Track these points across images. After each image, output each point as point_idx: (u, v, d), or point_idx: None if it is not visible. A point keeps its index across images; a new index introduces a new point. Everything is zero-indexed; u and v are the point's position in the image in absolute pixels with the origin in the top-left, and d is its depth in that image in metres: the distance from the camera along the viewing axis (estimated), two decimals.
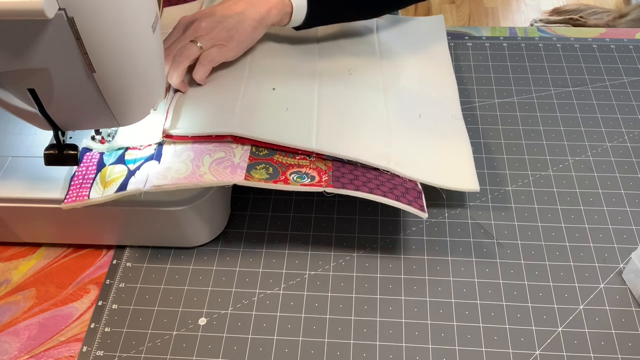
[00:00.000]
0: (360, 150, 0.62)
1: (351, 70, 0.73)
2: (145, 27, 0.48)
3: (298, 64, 0.74)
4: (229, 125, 0.62)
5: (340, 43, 0.78)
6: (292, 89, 0.69)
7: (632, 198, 0.67)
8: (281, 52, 0.75)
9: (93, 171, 0.60)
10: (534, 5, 2.27)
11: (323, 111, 0.67)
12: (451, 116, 0.69)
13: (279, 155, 0.62)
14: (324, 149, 0.61)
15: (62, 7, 0.41)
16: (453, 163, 0.65)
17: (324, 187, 0.58)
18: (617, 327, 0.57)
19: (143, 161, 0.60)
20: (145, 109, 0.55)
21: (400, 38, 0.80)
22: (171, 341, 0.57)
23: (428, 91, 0.73)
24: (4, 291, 0.62)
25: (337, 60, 0.75)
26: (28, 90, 0.49)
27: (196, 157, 0.60)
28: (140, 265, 0.63)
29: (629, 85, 0.80)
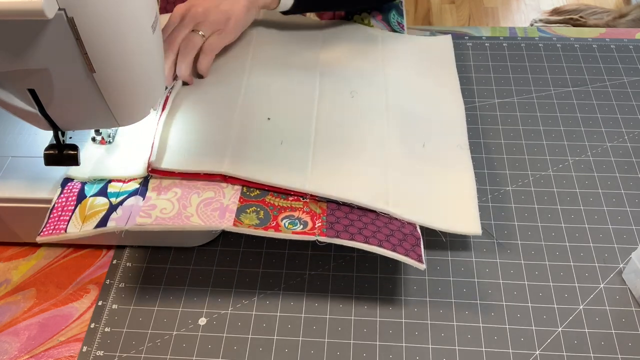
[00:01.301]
0: (356, 191, 0.59)
1: (353, 92, 0.70)
2: (145, 27, 0.48)
3: (297, 86, 0.70)
4: (220, 164, 0.59)
5: (344, 60, 0.75)
6: (288, 119, 0.66)
7: (632, 198, 0.67)
8: (281, 69, 0.73)
9: (73, 202, 0.57)
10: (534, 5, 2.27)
11: (319, 144, 0.63)
12: (457, 145, 0.67)
13: (270, 196, 0.58)
14: (318, 191, 0.58)
15: (62, 7, 0.41)
16: (455, 203, 0.61)
17: (317, 236, 0.54)
18: (617, 327, 0.57)
19: (126, 196, 0.57)
20: (145, 108, 0.55)
21: (406, 58, 0.78)
22: (171, 341, 0.57)
23: (434, 116, 0.70)
24: (4, 291, 0.62)
25: (339, 80, 0.72)
26: (28, 90, 0.49)
27: (184, 196, 0.57)
28: (140, 265, 0.63)
29: (629, 85, 0.80)
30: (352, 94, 0.70)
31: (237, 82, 0.69)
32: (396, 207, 0.59)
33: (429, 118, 0.70)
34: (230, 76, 0.70)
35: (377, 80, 0.73)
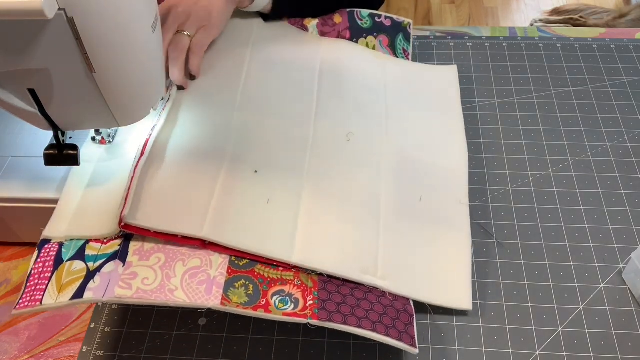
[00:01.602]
0: (345, 263, 0.55)
1: (350, 134, 0.65)
2: (145, 27, 0.48)
3: (290, 129, 0.65)
4: (199, 227, 0.54)
5: (344, 91, 0.71)
6: (277, 171, 0.61)
7: (632, 198, 0.67)
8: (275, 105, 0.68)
9: (50, 268, 0.52)
10: (534, 5, 2.27)
11: (308, 201, 0.59)
12: (456, 200, 0.64)
13: (260, 265, 0.54)
14: (305, 264, 0.54)
15: (62, 7, 0.41)
16: (448, 275, 0.59)
17: (308, 318, 0.51)
18: (617, 327, 0.57)
19: (105, 260, 0.53)
20: (145, 108, 0.55)
21: (410, 90, 0.75)
22: (171, 341, 0.57)
23: (435, 163, 0.67)
24: (4, 291, 0.62)
25: (337, 119, 0.67)
26: (28, 90, 0.49)
27: (167, 263, 0.52)
28: None
29: (629, 85, 0.80)
30: (349, 136, 0.65)
31: (226, 122, 0.65)
32: (386, 280, 0.56)
33: (430, 165, 0.66)
34: (219, 115, 0.66)
35: (378, 115, 0.69)
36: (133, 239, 0.54)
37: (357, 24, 0.79)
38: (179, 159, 0.60)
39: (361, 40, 0.79)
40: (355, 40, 0.79)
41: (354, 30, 0.79)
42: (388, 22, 0.80)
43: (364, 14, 0.80)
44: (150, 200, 0.55)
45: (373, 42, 0.79)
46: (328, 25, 0.79)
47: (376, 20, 0.80)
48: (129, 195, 0.54)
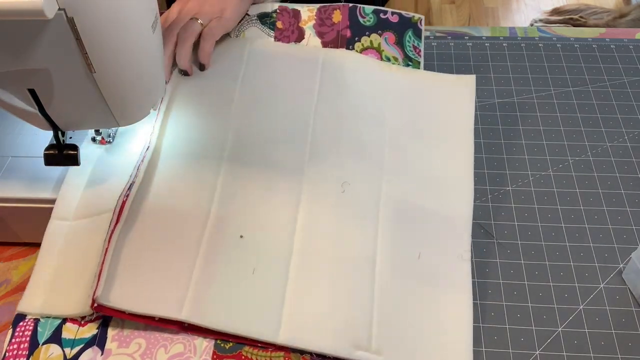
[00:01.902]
0: (335, 341, 0.51)
1: (345, 184, 0.60)
2: (145, 27, 0.48)
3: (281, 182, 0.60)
4: (179, 308, 0.51)
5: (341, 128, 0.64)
6: (264, 234, 0.57)
7: (632, 198, 0.67)
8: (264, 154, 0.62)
9: (25, 352, 0.50)
10: (534, 5, 2.27)
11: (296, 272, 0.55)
12: (457, 255, 0.59)
13: (248, 348, 0.51)
14: (293, 344, 0.51)
15: (61, 7, 0.41)
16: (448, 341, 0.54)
17: None
18: (617, 327, 0.57)
19: (82, 346, 0.50)
20: (145, 108, 0.55)
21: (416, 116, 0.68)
22: None
23: (437, 210, 0.61)
24: (4, 291, 0.62)
25: (331, 165, 0.61)
26: (28, 90, 0.49)
27: (149, 350, 0.50)
28: None
29: (629, 85, 0.80)
30: (344, 186, 0.60)
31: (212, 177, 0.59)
32: (380, 356, 0.52)
33: (431, 214, 0.61)
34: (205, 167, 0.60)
35: (377, 153, 0.63)
36: (112, 321, 0.51)
37: (359, 21, 0.74)
38: (158, 222, 0.55)
39: (364, 38, 0.73)
40: (357, 39, 0.73)
41: (356, 28, 0.73)
42: (395, 18, 0.74)
43: (367, 11, 0.74)
44: (125, 276, 0.52)
45: (378, 40, 0.73)
46: (326, 25, 0.74)
47: (381, 16, 0.74)
48: (102, 271, 0.51)
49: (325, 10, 0.74)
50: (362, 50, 0.73)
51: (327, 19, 0.74)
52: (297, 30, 0.74)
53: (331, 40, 0.73)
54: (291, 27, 0.74)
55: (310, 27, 0.74)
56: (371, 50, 0.73)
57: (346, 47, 0.73)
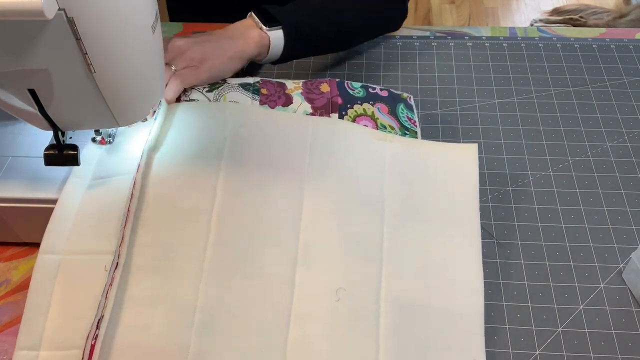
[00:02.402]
0: None
1: (340, 291, 0.53)
2: (145, 27, 0.48)
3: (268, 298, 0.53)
4: None
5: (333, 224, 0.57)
6: None
7: (632, 198, 0.67)
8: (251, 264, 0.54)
9: None
10: (534, 5, 2.27)
11: None
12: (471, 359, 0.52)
13: None
14: None
15: (61, 8, 0.41)
16: None
17: None
18: (617, 327, 0.57)
19: None
20: (145, 109, 0.55)
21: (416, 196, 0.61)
22: None
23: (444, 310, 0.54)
24: (4, 291, 0.62)
25: (324, 269, 0.55)
26: (28, 90, 0.49)
27: None
28: None
29: (629, 85, 0.80)
30: (338, 293, 0.53)
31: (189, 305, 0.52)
32: None
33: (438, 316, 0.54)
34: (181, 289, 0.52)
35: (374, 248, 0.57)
36: None
37: (349, 93, 0.68)
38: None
39: (356, 106, 0.66)
40: (349, 107, 0.66)
41: (346, 97, 0.67)
42: (384, 94, 0.69)
43: (355, 85, 0.69)
44: None
45: (371, 109, 0.67)
46: (314, 94, 0.67)
47: (370, 91, 0.69)
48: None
49: (312, 83, 0.69)
50: (356, 116, 0.66)
51: (315, 89, 0.68)
52: (284, 96, 0.67)
53: (322, 106, 0.66)
54: (277, 93, 0.67)
55: (298, 94, 0.68)
56: (365, 117, 0.66)
57: (338, 112, 0.66)
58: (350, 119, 0.65)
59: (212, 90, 0.67)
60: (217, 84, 0.68)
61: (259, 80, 0.69)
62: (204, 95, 0.66)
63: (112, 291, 0.50)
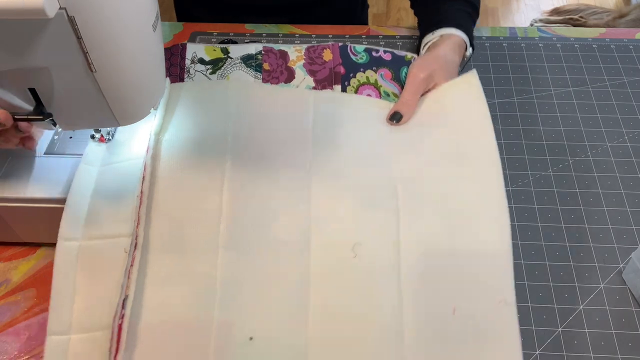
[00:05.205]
0: None
1: (357, 246, 0.53)
2: (146, 26, 0.48)
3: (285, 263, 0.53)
4: None
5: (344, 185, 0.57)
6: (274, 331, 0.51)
7: (632, 198, 0.67)
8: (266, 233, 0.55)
9: None
10: (534, 5, 2.27)
11: None
12: (498, 300, 0.50)
13: None
14: None
15: (62, 7, 0.41)
16: None
17: None
18: (617, 327, 0.57)
19: None
20: (145, 108, 0.55)
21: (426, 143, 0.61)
22: None
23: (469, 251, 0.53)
24: (4, 291, 0.62)
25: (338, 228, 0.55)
26: (29, 89, 0.49)
27: None
28: None
29: (629, 85, 0.80)
30: (355, 249, 0.53)
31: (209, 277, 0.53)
32: None
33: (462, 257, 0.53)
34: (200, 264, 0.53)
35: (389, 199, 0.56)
36: None
37: (352, 59, 0.68)
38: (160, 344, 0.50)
39: (359, 74, 0.67)
40: (352, 76, 0.67)
41: (349, 65, 0.68)
42: (388, 57, 0.69)
43: (358, 49, 0.69)
44: None
45: (374, 77, 0.67)
46: (317, 64, 0.68)
47: (373, 55, 0.69)
48: None
49: (315, 49, 0.69)
50: (359, 85, 0.67)
51: (317, 57, 0.68)
52: (286, 70, 0.67)
53: (324, 78, 0.67)
54: (280, 68, 0.67)
55: (300, 67, 0.68)
56: (368, 86, 0.67)
57: (341, 83, 0.67)
58: (353, 89, 0.67)
59: (215, 72, 0.67)
60: (219, 62, 0.68)
61: (262, 50, 0.68)
62: (207, 77, 0.67)
63: (133, 271, 0.51)
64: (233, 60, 0.68)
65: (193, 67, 0.67)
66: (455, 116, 0.62)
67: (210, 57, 0.68)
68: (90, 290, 0.53)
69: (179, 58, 0.68)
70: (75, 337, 0.52)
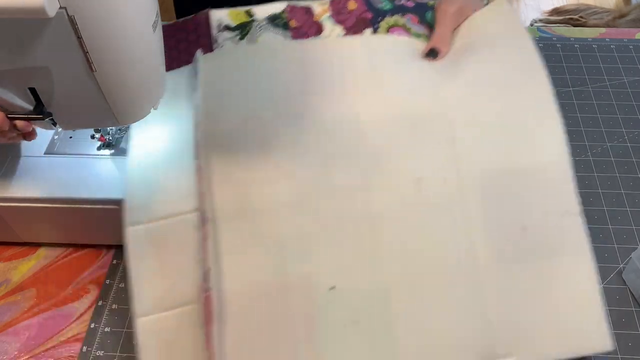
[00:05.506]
0: None
1: (419, 179, 0.54)
2: (146, 26, 0.48)
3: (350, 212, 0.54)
4: None
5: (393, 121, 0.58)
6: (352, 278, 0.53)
7: (632, 198, 0.67)
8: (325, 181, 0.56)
9: None
10: (534, 5, 2.27)
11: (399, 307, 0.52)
12: (563, 212, 0.53)
13: None
14: None
15: (62, 6, 0.41)
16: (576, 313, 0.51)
17: None
18: (617, 327, 0.57)
19: None
20: (146, 107, 0.55)
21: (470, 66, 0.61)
22: None
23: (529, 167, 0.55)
24: (4, 291, 0.62)
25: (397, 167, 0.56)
26: (29, 89, 0.49)
27: None
28: None
29: (629, 85, 0.80)
30: (419, 183, 0.54)
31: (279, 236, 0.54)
32: (512, 358, 0.50)
33: (523, 175, 0.54)
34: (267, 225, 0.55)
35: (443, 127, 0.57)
36: None
37: (376, 7, 0.68)
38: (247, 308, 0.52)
39: (387, 19, 0.67)
40: (380, 20, 0.67)
41: (375, 11, 0.68)
42: (410, 4, 0.69)
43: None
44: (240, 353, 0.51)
45: (402, 21, 0.67)
46: (343, 14, 0.68)
47: (396, 3, 0.69)
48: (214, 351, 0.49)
49: (339, 1, 0.69)
50: (389, 27, 0.67)
51: (342, 8, 0.69)
52: (314, 24, 0.68)
53: (353, 25, 0.67)
54: (307, 23, 0.68)
55: (327, 18, 0.68)
56: (398, 28, 0.67)
57: (372, 26, 0.67)
58: (384, 31, 0.67)
59: (244, 37, 0.67)
60: (246, 26, 0.67)
61: (286, 8, 0.68)
62: (236, 43, 0.67)
63: (209, 244, 0.53)
64: (259, 22, 0.68)
65: (221, 35, 0.67)
66: (495, 41, 0.63)
67: (236, 23, 0.68)
68: (167, 269, 0.54)
69: (206, 27, 0.67)
70: (162, 315, 0.53)
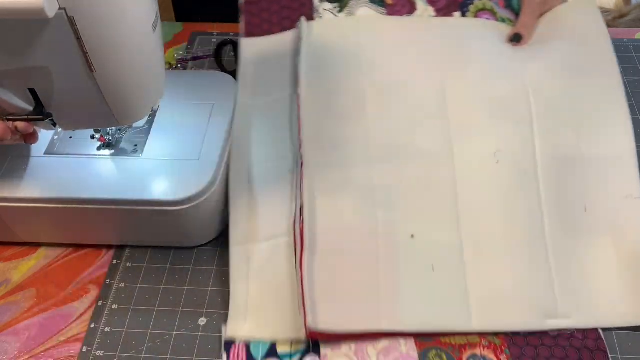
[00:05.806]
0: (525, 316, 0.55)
1: (498, 153, 0.60)
2: (145, 26, 0.48)
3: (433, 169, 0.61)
4: (377, 320, 0.55)
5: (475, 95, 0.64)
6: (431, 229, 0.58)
7: None
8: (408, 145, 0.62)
9: None
10: None
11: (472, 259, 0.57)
12: (625, 195, 0.59)
13: (444, 337, 0.55)
14: (487, 329, 0.55)
15: (62, 7, 0.41)
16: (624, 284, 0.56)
17: None
18: (617, 327, 0.57)
19: (300, 356, 0.54)
20: (145, 108, 0.55)
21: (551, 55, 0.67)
22: (171, 341, 0.57)
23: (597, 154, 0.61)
24: (4, 291, 0.62)
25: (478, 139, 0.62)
26: (28, 89, 0.49)
27: (359, 349, 0.54)
28: (140, 265, 0.63)
29: (629, 85, 0.79)
30: (497, 155, 0.60)
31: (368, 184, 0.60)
32: (570, 318, 0.55)
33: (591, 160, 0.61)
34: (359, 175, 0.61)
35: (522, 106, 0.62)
36: None
37: None
38: (335, 242, 0.58)
39: (475, 2, 0.72)
40: (469, 2, 0.72)
41: None
42: None
43: None
44: (324, 301, 0.55)
45: (489, 4, 0.72)
46: None
47: None
48: (305, 301, 0.54)
49: None
50: (478, 11, 0.72)
51: None
52: (408, 3, 0.73)
53: (444, 7, 0.72)
54: (401, 2, 0.73)
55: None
56: (486, 11, 0.72)
57: (461, 10, 0.72)
58: (472, 15, 0.72)
59: (343, 10, 0.73)
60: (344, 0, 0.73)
61: None
62: (335, 15, 0.72)
63: (305, 183, 0.60)
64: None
65: (321, 6, 0.72)
66: (575, 33, 0.67)
67: None
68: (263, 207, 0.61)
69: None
70: (258, 245, 0.59)
